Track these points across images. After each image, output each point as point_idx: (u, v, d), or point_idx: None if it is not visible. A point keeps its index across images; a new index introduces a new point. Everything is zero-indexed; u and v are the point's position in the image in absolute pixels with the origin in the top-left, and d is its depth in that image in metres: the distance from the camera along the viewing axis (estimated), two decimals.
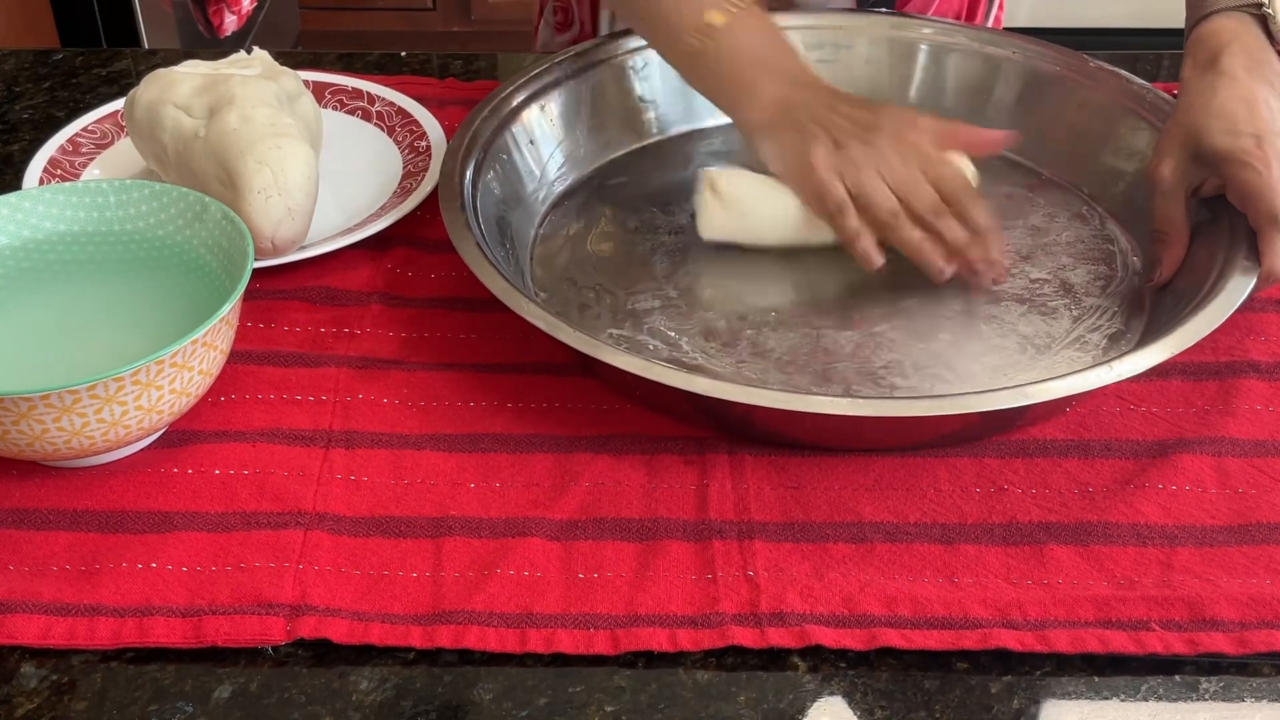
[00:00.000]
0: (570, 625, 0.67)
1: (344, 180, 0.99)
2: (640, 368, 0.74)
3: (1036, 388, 0.73)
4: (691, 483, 0.75)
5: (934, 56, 1.06)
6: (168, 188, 0.83)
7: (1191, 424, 0.80)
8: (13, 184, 0.99)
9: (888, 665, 0.66)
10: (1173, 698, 0.65)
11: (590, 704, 0.64)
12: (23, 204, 0.83)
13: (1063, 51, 1.04)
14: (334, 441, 0.78)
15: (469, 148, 0.92)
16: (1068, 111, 1.02)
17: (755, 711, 0.64)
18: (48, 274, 0.83)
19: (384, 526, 0.72)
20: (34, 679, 0.65)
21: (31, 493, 0.74)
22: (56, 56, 1.18)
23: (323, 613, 0.67)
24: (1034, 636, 0.67)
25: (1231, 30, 0.87)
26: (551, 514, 0.73)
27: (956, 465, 0.77)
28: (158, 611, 0.67)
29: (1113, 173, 0.98)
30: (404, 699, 0.64)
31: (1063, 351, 0.84)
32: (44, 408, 0.68)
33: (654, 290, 0.89)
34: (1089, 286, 0.90)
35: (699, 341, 0.84)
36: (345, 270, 0.91)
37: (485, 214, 0.88)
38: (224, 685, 0.65)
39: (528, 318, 0.77)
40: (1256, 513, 0.74)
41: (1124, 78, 1.00)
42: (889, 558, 0.71)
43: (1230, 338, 0.85)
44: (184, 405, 0.74)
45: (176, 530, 0.72)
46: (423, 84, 1.12)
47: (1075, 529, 0.73)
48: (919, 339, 0.85)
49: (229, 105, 0.89)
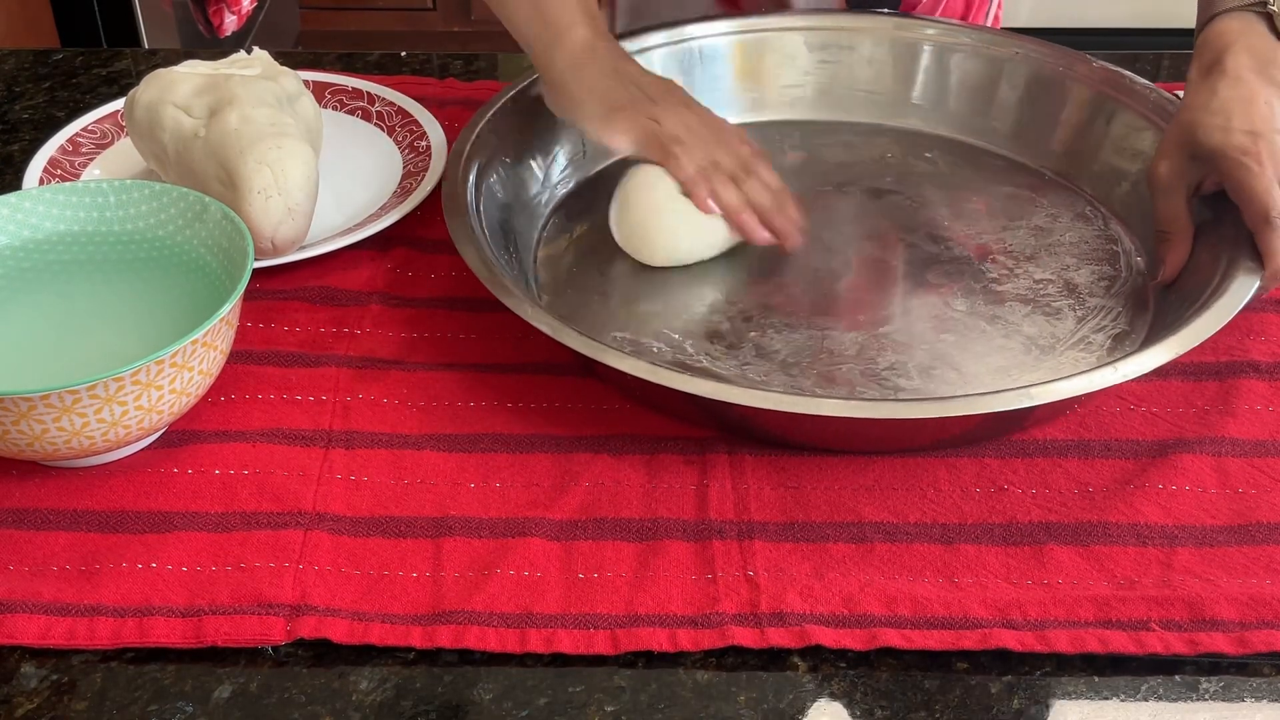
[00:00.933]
0: (570, 625, 0.67)
1: (344, 180, 0.99)
2: (646, 371, 0.74)
3: (1042, 389, 0.73)
4: (691, 483, 0.75)
5: (937, 57, 1.06)
6: (168, 188, 0.83)
7: (1191, 424, 0.80)
8: (13, 184, 0.99)
9: (888, 665, 0.66)
10: (1173, 698, 0.65)
11: (590, 704, 0.64)
12: (23, 204, 0.83)
13: (1065, 52, 1.04)
14: (334, 441, 0.78)
15: (471, 152, 0.92)
16: (1070, 112, 1.02)
17: (755, 711, 0.64)
18: (48, 274, 0.83)
19: (384, 526, 0.72)
20: (34, 679, 0.65)
21: (31, 493, 0.74)
22: (56, 56, 1.18)
23: (323, 613, 0.67)
24: (1034, 636, 0.66)
25: (1237, 30, 0.87)
26: (551, 514, 0.73)
27: (956, 465, 0.77)
28: (158, 611, 0.67)
29: (1115, 173, 0.98)
30: (404, 699, 0.64)
31: (1067, 352, 0.84)
32: (44, 408, 0.68)
33: (657, 295, 0.89)
34: (1093, 287, 0.90)
35: (703, 344, 0.84)
36: (345, 270, 0.91)
37: (489, 218, 0.88)
38: (224, 685, 0.65)
39: (534, 322, 0.77)
40: (1256, 513, 0.74)
41: (1127, 78, 1.00)
42: (889, 558, 0.71)
43: (1230, 338, 0.85)
44: (184, 405, 0.74)
45: (176, 530, 0.72)
46: (423, 84, 1.12)
47: (1075, 529, 0.73)
48: (923, 340, 0.85)
49: (229, 105, 0.89)
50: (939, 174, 1.02)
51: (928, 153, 1.04)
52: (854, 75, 1.07)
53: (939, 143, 1.05)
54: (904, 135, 1.05)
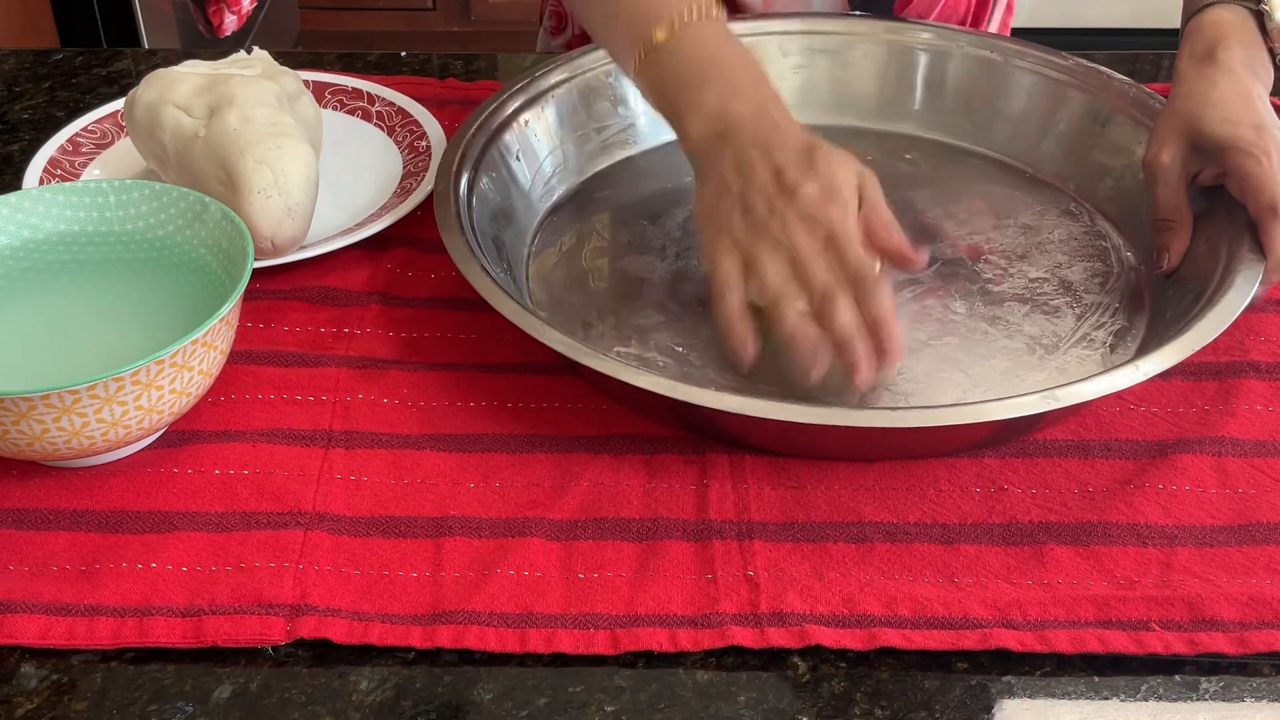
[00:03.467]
0: (570, 625, 0.67)
1: (344, 180, 0.99)
2: (665, 387, 0.73)
3: (1066, 390, 0.73)
4: (691, 483, 0.75)
5: (915, 59, 1.06)
6: (168, 188, 0.83)
7: (1191, 424, 0.80)
8: (13, 184, 0.99)
9: (888, 665, 0.66)
10: (1173, 698, 0.65)
11: (590, 704, 0.64)
12: (23, 204, 0.83)
13: (1041, 49, 1.04)
14: (334, 441, 0.78)
15: (460, 163, 0.91)
16: (1049, 109, 1.02)
17: (755, 711, 0.64)
18: (48, 274, 0.83)
19: (384, 526, 0.72)
20: (34, 679, 0.65)
21: (31, 493, 0.74)
22: (56, 56, 1.18)
23: (323, 613, 0.67)
24: (1034, 636, 0.67)
25: (1229, 23, 0.88)
26: (551, 514, 0.73)
27: (956, 465, 0.77)
28: (158, 611, 0.67)
29: (1098, 168, 0.98)
30: (404, 699, 0.64)
31: (1071, 350, 0.84)
32: (44, 408, 0.68)
33: (655, 305, 0.88)
34: (1088, 283, 0.90)
35: (709, 355, 0.83)
36: (345, 270, 0.91)
37: (481, 230, 0.88)
38: (224, 685, 0.65)
39: (538, 336, 0.76)
40: (1256, 513, 0.74)
41: (1104, 74, 1.00)
42: (889, 558, 0.71)
43: (1230, 338, 0.85)
44: (184, 405, 0.74)
45: (176, 530, 0.72)
46: (423, 84, 1.12)
47: (1075, 529, 0.73)
48: (926, 344, 0.84)
49: (229, 105, 0.89)
50: (922, 175, 1.02)
51: (908, 154, 1.04)
52: (829, 79, 1.06)
53: (918, 144, 1.05)
54: (883, 137, 1.05)
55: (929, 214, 0.97)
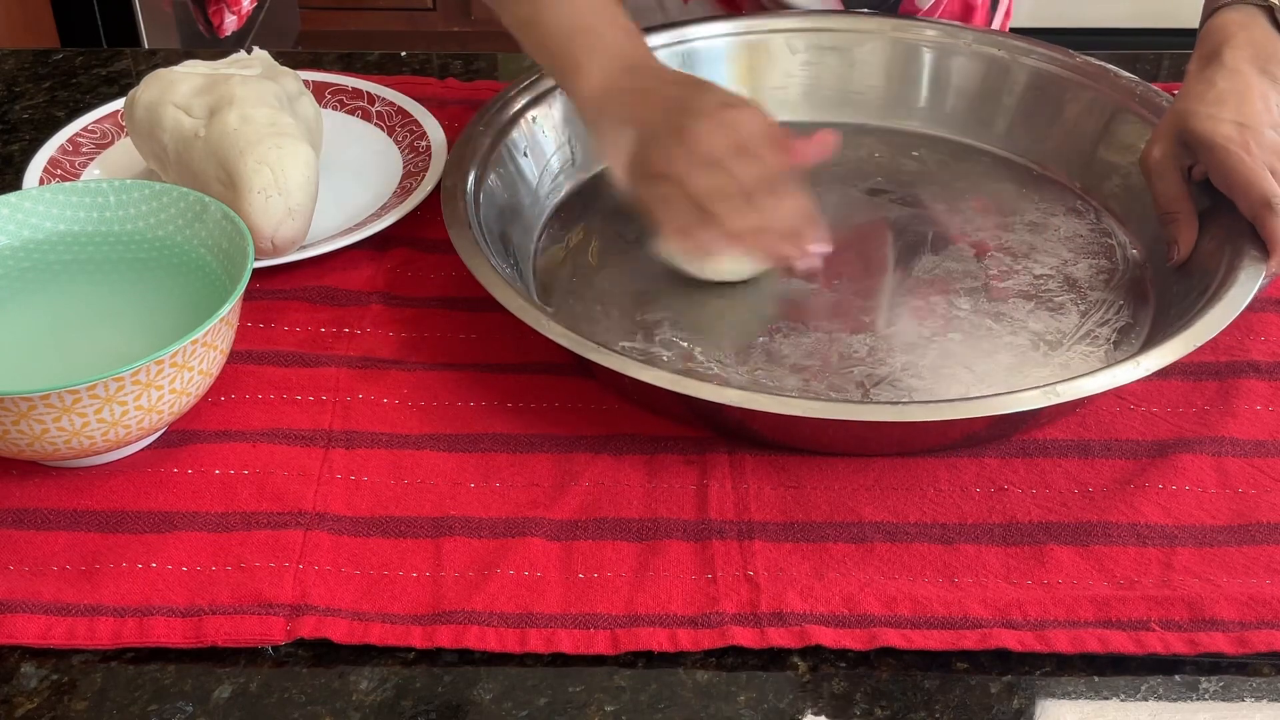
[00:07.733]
0: (570, 625, 0.67)
1: (344, 180, 0.99)
2: (656, 377, 0.73)
3: (1068, 385, 0.73)
4: (691, 483, 0.75)
5: (922, 56, 1.06)
6: (168, 188, 0.83)
7: (1191, 424, 0.80)
8: (13, 184, 0.99)
9: (888, 665, 0.66)
10: (1173, 698, 0.65)
11: (590, 704, 0.64)
12: (23, 204, 0.83)
13: (1050, 47, 1.04)
14: (334, 441, 0.78)
15: (467, 160, 0.91)
16: (1056, 107, 1.02)
17: (755, 711, 0.64)
18: (48, 274, 0.83)
19: (384, 526, 0.72)
20: (34, 679, 0.65)
21: (31, 493, 0.74)
22: (56, 56, 1.18)
23: (323, 613, 0.67)
24: (1034, 636, 0.66)
25: (1238, 23, 0.88)
26: (551, 514, 0.73)
27: (956, 465, 0.77)
28: (158, 611, 0.67)
29: (1105, 166, 0.98)
30: (404, 699, 0.64)
31: (1075, 346, 0.84)
32: (44, 408, 0.68)
33: (661, 302, 0.88)
34: (1092, 280, 0.90)
35: (713, 351, 0.83)
36: (345, 270, 0.91)
37: (488, 226, 0.88)
38: (224, 685, 0.65)
39: (545, 332, 0.77)
40: (1256, 513, 0.74)
41: (1112, 72, 1.00)
42: (889, 558, 0.71)
43: (1230, 338, 0.85)
44: (184, 405, 0.74)
45: (176, 530, 0.72)
46: (423, 84, 1.12)
47: (1075, 529, 0.73)
48: (931, 340, 0.85)
49: (229, 105, 0.89)
50: (928, 172, 1.02)
51: (914, 151, 1.04)
52: (838, 76, 1.06)
53: (925, 141, 1.05)
54: (890, 134, 1.05)
55: (935, 210, 0.97)
